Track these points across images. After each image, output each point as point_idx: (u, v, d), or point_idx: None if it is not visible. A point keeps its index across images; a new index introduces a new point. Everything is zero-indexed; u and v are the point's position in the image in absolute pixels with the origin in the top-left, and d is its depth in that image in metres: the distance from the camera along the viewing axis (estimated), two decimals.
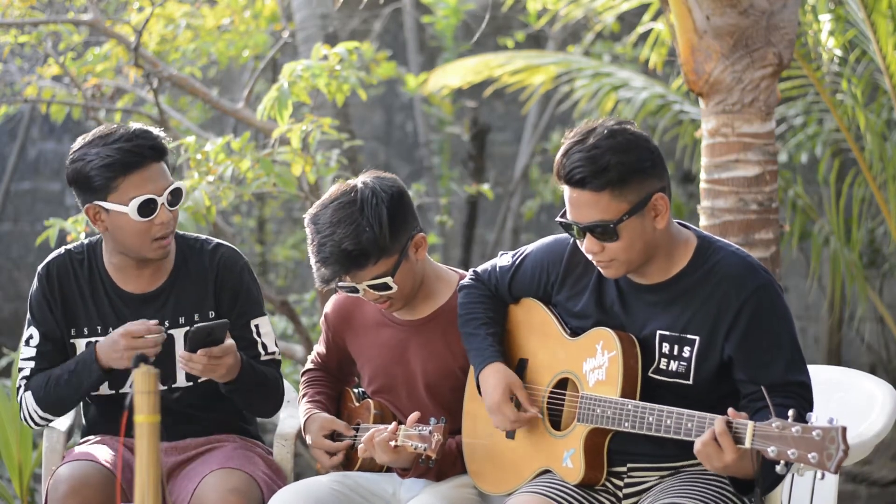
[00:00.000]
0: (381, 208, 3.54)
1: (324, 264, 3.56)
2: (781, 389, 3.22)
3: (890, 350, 7.74)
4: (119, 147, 3.64)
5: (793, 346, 3.29)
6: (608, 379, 3.34)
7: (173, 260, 3.83)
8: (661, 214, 3.27)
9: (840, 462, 2.89)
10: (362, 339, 3.83)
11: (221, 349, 3.58)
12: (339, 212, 3.55)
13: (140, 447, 2.59)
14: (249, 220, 9.20)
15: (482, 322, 3.57)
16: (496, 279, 3.63)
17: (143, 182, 3.65)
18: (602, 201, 3.22)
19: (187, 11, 6.24)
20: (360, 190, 3.58)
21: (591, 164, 3.21)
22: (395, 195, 3.59)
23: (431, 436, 3.47)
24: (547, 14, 7.53)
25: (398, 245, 3.59)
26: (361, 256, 3.54)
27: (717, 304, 3.29)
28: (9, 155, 9.42)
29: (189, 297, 3.81)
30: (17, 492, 5.16)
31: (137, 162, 3.64)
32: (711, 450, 3.07)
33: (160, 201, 3.67)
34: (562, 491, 3.38)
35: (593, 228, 3.24)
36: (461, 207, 9.00)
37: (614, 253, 3.26)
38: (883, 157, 6.11)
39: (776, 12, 4.53)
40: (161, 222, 3.68)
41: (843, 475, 6.73)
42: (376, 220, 3.53)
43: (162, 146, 3.70)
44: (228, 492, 3.61)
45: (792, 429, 2.94)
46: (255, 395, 3.81)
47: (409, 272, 3.65)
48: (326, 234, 3.54)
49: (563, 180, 3.27)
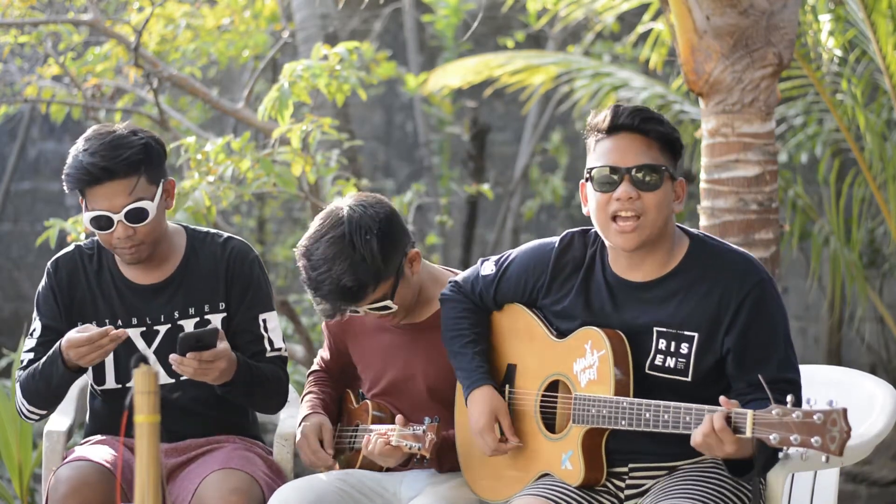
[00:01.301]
0: (372, 241, 3.55)
1: (324, 300, 3.59)
2: (772, 386, 3.22)
3: (890, 350, 7.74)
4: (80, 161, 3.62)
5: (787, 344, 3.32)
6: (600, 378, 3.34)
7: (182, 252, 3.84)
8: (681, 199, 3.38)
9: (843, 443, 2.90)
10: (362, 344, 3.84)
11: (212, 353, 3.57)
12: (331, 247, 3.56)
13: (140, 447, 2.59)
14: (249, 220, 9.20)
15: (469, 340, 3.58)
16: (481, 288, 3.62)
17: (100, 198, 3.63)
18: (652, 149, 3.32)
19: (187, 11, 6.24)
20: (347, 221, 3.58)
21: (648, 112, 3.36)
22: (382, 222, 3.60)
23: (425, 435, 3.49)
24: (547, 14, 7.53)
25: (393, 268, 3.61)
26: (360, 290, 3.57)
27: (717, 299, 3.30)
28: (9, 155, 9.42)
29: (199, 288, 3.81)
30: (17, 492, 5.16)
31: (91, 181, 3.62)
32: (712, 441, 3.08)
33: (116, 219, 3.64)
34: (563, 493, 3.38)
35: (641, 168, 3.30)
36: (461, 207, 8.99)
37: (646, 206, 3.29)
38: (883, 157, 6.11)
39: (776, 12, 4.53)
40: (118, 237, 3.67)
41: (843, 475, 6.73)
42: (369, 254, 3.54)
43: (125, 163, 3.62)
44: (229, 492, 3.61)
45: (792, 414, 2.95)
46: (255, 396, 3.80)
47: (406, 288, 3.67)
48: (323, 272, 3.55)
49: (616, 126, 3.34)
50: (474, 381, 3.53)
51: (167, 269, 3.82)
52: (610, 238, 3.35)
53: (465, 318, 3.61)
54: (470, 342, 3.57)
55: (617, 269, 3.42)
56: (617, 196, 3.31)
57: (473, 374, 3.53)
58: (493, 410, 3.49)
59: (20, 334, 3.91)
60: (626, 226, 3.31)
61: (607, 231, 3.35)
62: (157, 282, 3.80)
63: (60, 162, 3.76)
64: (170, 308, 3.79)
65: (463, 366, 3.56)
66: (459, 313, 3.61)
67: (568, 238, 3.50)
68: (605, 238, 3.38)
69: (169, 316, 3.81)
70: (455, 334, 3.60)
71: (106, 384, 3.84)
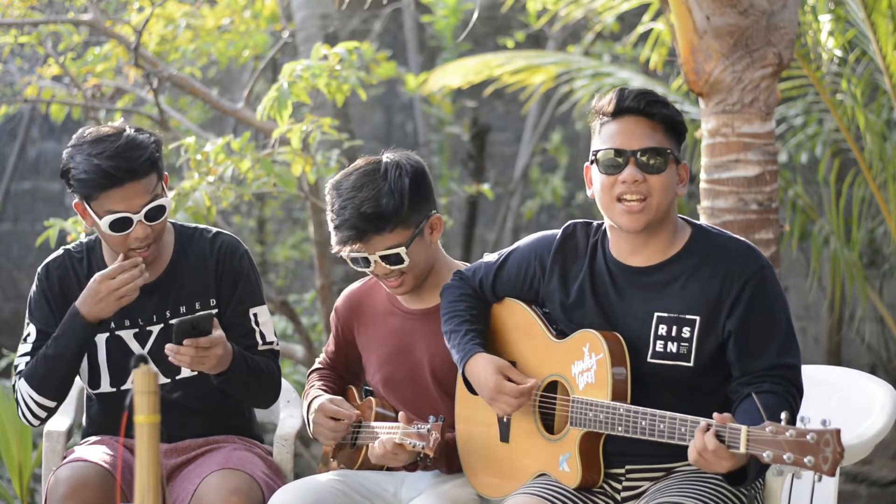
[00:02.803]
0: (404, 179, 3.62)
1: (342, 226, 3.61)
2: (772, 372, 3.24)
3: (890, 350, 7.74)
4: (98, 165, 3.60)
5: (787, 328, 3.33)
6: (598, 382, 3.33)
7: (171, 250, 3.83)
8: (684, 182, 3.40)
9: (835, 465, 2.90)
10: (370, 328, 3.83)
11: (209, 340, 3.56)
12: (361, 178, 3.64)
13: (140, 447, 2.59)
14: (249, 220, 9.20)
15: (463, 319, 3.57)
16: (482, 274, 3.63)
17: (119, 200, 3.63)
18: (657, 133, 3.35)
19: (187, 11, 6.25)
20: (385, 161, 3.68)
21: (653, 95, 3.38)
22: (418, 171, 3.68)
23: (430, 434, 3.48)
24: (547, 14, 7.53)
25: (415, 218, 3.64)
26: (379, 220, 3.59)
27: (719, 283, 3.31)
28: (9, 155, 9.42)
29: (190, 284, 3.81)
30: (17, 492, 5.17)
31: (112, 183, 3.61)
32: (709, 458, 3.08)
33: (136, 219, 3.65)
34: (559, 493, 3.38)
35: (647, 151, 3.32)
36: (461, 207, 9.00)
37: (652, 188, 3.31)
38: (883, 157, 6.11)
39: (776, 12, 4.53)
40: (136, 237, 3.67)
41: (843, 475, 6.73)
42: (398, 189, 3.60)
43: (146, 163, 3.64)
44: (229, 492, 3.61)
45: (786, 433, 2.94)
46: (250, 387, 3.79)
47: (422, 250, 3.67)
48: (347, 198, 3.61)
49: (622, 109, 3.36)
50: (468, 351, 3.50)
51: (157, 268, 3.81)
52: (615, 219, 3.36)
53: (463, 301, 3.61)
54: (465, 321, 3.56)
55: (618, 255, 3.42)
56: (622, 179, 3.33)
57: (466, 346, 3.51)
58: (497, 367, 3.46)
59: (20, 334, 3.90)
60: (632, 206, 3.32)
61: (612, 212, 3.36)
62: (148, 283, 3.77)
63: (60, 162, 3.75)
64: (162, 308, 3.79)
65: (456, 342, 3.55)
66: (457, 297, 3.62)
67: (571, 228, 3.52)
68: (609, 219, 3.39)
69: (161, 316, 3.80)
70: (451, 316, 3.59)
71: (101, 388, 3.83)
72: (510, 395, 3.42)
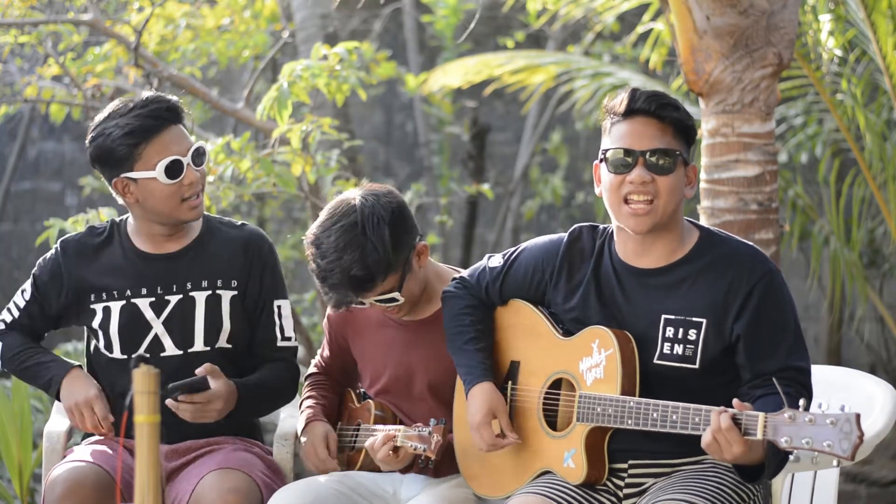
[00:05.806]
0: (383, 228, 3.54)
1: (333, 290, 3.58)
2: (782, 374, 3.25)
3: (890, 350, 7.74)
4: (136, 114, 3.69)
5: (796, 331, 3.34)
6: (607, 377, 3.34)
7: (199, 230, 3.86)
8: (692, 184, 3.43)
9: (856, 448, 2.91)
10: (364, 339, 3.83)
11: (204, 396, 3.61)
12: (342, 236, 3.54)
13: (140, 448, 2.59)
14: (249, 220, 9.19)
15: (471, 337, 3.58)
16: (487, 280, 3.62)
17: (166, 145, 3.70)
18: (667, 134, 3.36)
19: (187, 11, 6.24)
20: (360, 209, 3.57)
21: (664, 98, 3.39)
22: (394, 211, 3.59)
23: (431, 436, 3.48)
24: (547, 14, 7.53)
25: (403, 259, 3.61)
26: (370, 280, 3.56)
27: (726, 286, 3.33)
28: (9, 155, 9.42)
29: (214, 262, 3.83)
30: (17, 492, 5.17)
31: (157, 126, 3.69)
32: (722, 442, 3.09)
33: (185, 161, 3.71)
34: (562, 491, 3.38)
35: (656, 152, 3.34)
36: (461, 207, 9.00)
37: (660, 189, 3.33)
38: (883, 157, 6.11)
39: (776, 12, 4.53)
40: (189, 182, 3.72)
41: (843, 475, 6.73)
42: (380, 243, 3.53)
43: (178, 108, 3.75)
44: (227, 491, 3.60)
45: (804, 418, 2.95)
46: (262, 409, 3.85)
47: (413, 281, 3.67)
48: (333, 260, 3.54)
49: (633, 110, 3.37)
50: (475, 378, 3.53)
51: (183, 240, 3.84)
52: (621, 220, 3.37)
53: (468, 315, 3.61)
54: (472, 339, 3.57)
55: (624, 257, 3.43)
56: (631, 179, 3.34)
57: (475, 371, 3.54)
58: (491, 408, 3.49)
59: None
60: (638, 208, 3.34)
61: (619, 212, 3.37)
62: (172, 251, 3.82)
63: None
64: (183, 277, 3.81)
65: (464, 362, 3.57)
66: (462, 310, 3.62)
67: (577, 232, 3.52)
68: (616, 219, 3.39)
69: (182, 286, 3.80)
70: (457, 331, 3.60)
71: (113, 353, 3.84)
72: (485, 441, 3.49)
